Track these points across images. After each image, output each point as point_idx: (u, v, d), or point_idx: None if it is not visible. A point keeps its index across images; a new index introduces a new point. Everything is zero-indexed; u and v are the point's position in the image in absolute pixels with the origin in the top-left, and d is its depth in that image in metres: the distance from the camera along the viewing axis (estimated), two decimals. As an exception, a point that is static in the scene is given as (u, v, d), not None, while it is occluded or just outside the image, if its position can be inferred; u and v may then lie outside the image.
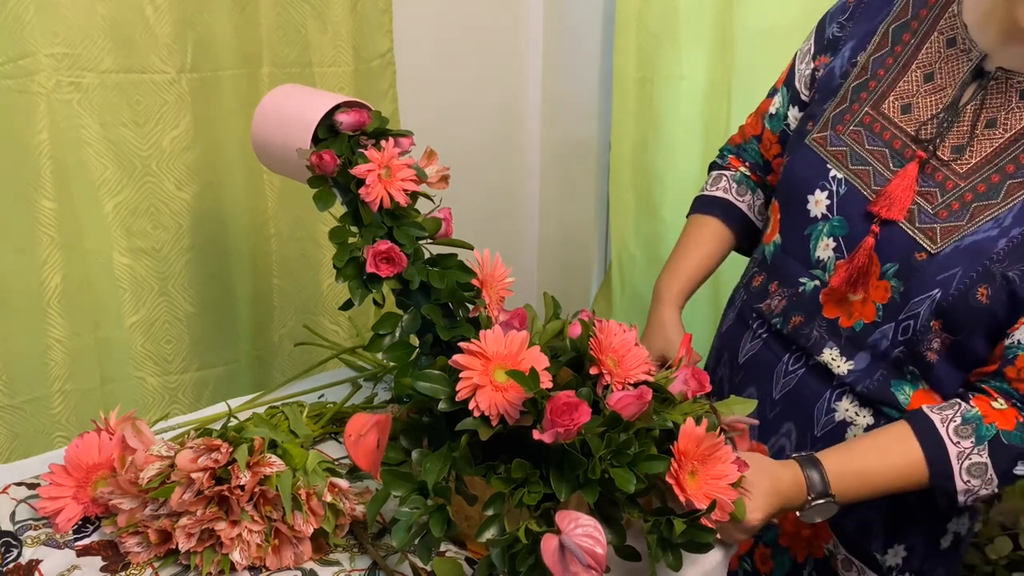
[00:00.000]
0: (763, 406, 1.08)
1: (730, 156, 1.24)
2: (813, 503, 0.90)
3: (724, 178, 1.22)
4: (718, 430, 0.84)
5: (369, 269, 0.95)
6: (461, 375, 0.79)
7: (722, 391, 1.16)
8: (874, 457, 0.93)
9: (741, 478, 0.83)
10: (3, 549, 0.87)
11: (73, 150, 1.31)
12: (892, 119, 0.97)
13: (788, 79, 1.13)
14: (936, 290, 0.91)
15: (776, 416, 1.08)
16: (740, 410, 0.91)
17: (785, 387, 1.07)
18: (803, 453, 0.93)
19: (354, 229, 0.98)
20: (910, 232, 0.93)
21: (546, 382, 0.80)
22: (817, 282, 1.02)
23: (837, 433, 1.02)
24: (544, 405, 0.77)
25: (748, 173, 1.21)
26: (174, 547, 0.83)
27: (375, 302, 0.97)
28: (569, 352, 0.88)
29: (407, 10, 1.71)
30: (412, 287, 0.97)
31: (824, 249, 1.01)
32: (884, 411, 0.99)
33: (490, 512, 0.79)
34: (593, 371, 0.85)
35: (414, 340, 0.99)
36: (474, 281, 0.98)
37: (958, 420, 0.92)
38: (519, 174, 2.23)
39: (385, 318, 0.97)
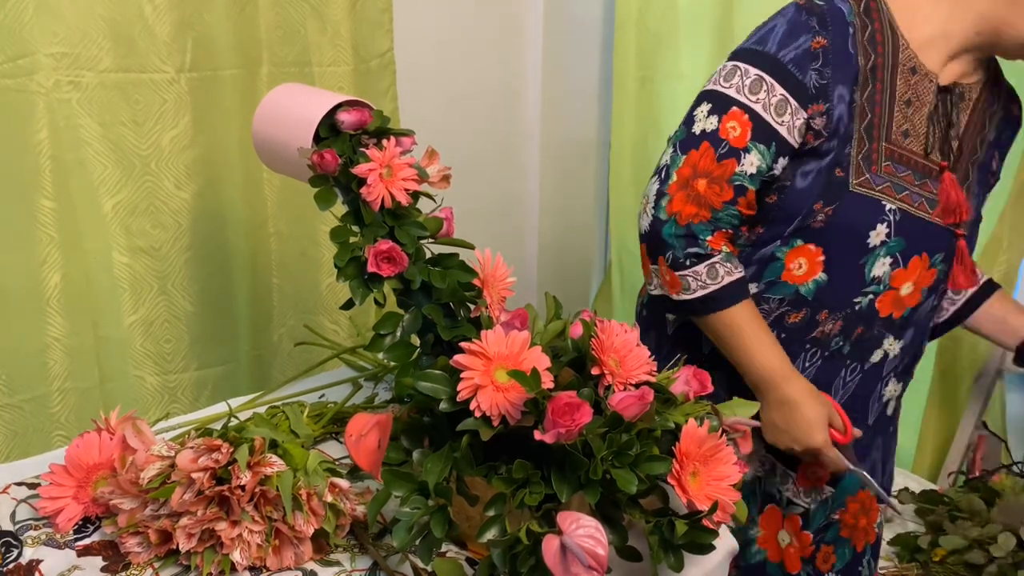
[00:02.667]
0: None
1: (708, 238, 1.10)
2: None
3: (717, 266, 1.10)
4: (720, 431, 0.84)
5: (370, 268, 0.94)
6: (462, 375, 0.79)
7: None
8: None
9: (741, 481, 0.83)
10: (3, 549, 0.86)
11: (72, 149, 1.31)
12: (904, 147, 1.12)
13: (761, 136, 1.08)
14: (971, 251, 1.21)
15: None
16: (742, 412, 0.91)
17: (844, 396, 1.20)
18: None
19: (355, 228, 0.98)
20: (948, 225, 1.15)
21: (547, 382, 0.80)
22: (871, 296, 1.15)
23: (883, 412, 1.25)
24: (545, 405, 0.77)
25: (730, 248, 1.13)
26: (175, 547, 0.83)
27: (376, 302, 0.96)
28: (570, 352, 0.88)
29: (407, 9, 1.71)
30: (413, 287, 0.97)
31: (880, 267, 1.13)
32: (910, 377, 1.27)
33: (491, 513, 0.78)
34: (595, 371, 0.85)
35: (415, 340, 0.99)
36: (475, 281, 0.98)
37: None
38: (519, 173, 2.23)
39: (386, 318, 0.97)
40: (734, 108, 1.08)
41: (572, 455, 0.78)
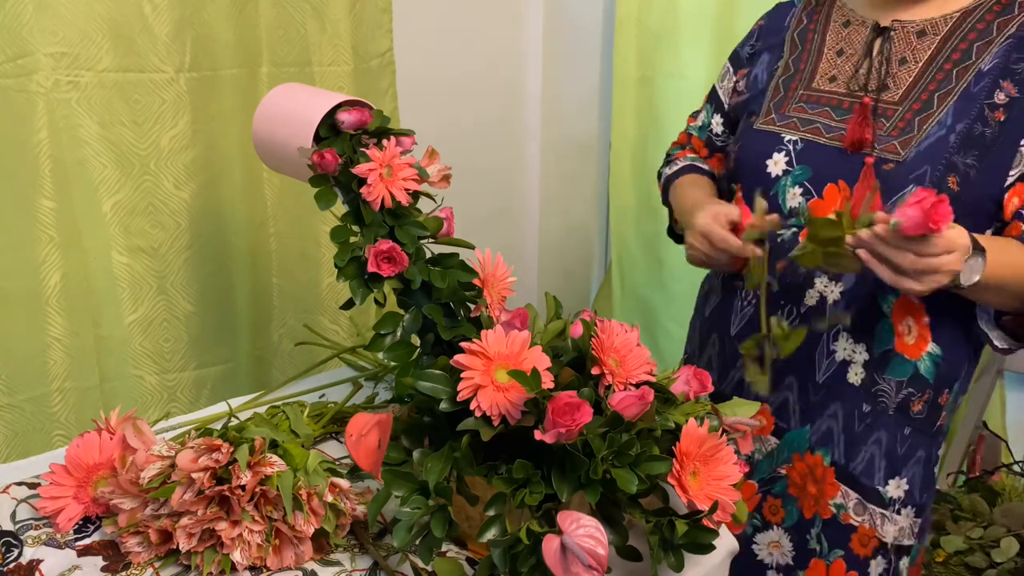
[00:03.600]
0: None
1: (675, 152, 1.42)
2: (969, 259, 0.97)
3: (676, 160, 1.39)
4: (720, 431, 0.84)
5: (370, 268, 0.94)
6: (462, 375, 0.79)
7: (711, 367, 1.29)
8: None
9: (742, 480, 0.83)
10: (4, 549, 0.86)
11: (72, 149, 1.30)
12: (824, 90, 1.19)
13: (709, 99, 1.37)
14: (911, 187, 1.06)
15: (776, 373, 1.16)
16: (743, 412, 0.91)
17: None
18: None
19: (355, 228, 0.98)
20: (876, 154, 1.10)
21: (548, 382, 0.80)
22: (793, 228, 1.15)
23: (839, 374, 1.15)
24: (546, 405, 0.77)
25: (697, 157, 1.38)
26: (175, 547, 0.83)
27: (376, 301, 0.96)
28: (571, 352, 0.88)
29: (407, 9, 1.71)
30: (413, 286, 0.97)
31: (793, 198, 1.15)
32: (875, 343, 1.13)
33: (491, 512, 0.78)
34: (595, 371, 0.85)
35: (415, 340, 0.99)
36: (475, 281, 0.98)
37: None
38: (519, 174, 2.23)
39: (386, 317, 0.97)
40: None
41: (572, 455, 0.77)
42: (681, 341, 2.05)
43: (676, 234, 1.40)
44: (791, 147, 1.16)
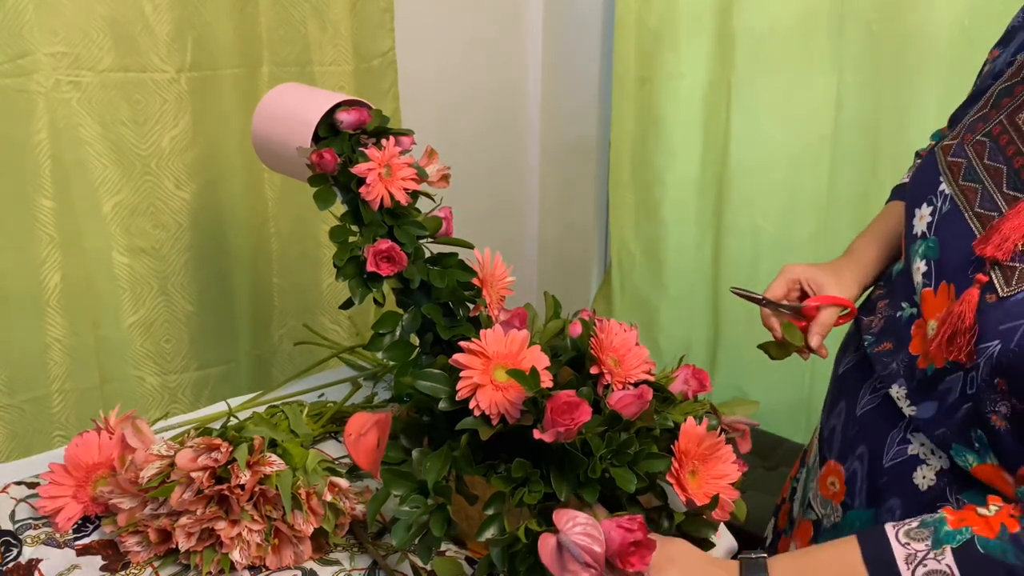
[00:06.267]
0: (848, 422, 0.94)
1: (931, 142, 1.02)
2: None
3: (917, 164, 1.02)
4: (719, 430, 0.84)
5: (369, 268, 0.94)
6: (461, 374, 0.79)
7: (834, 438, 1.00)
8: (820, 565, 0.76)
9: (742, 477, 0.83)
10: (3, 548, 0.87)
11: (72, 149, 1.31)
12: None
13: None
14: (995, 341, 0.72)
15: (855, 435, 0.92)
16: (742, 411, 0.91)
17: (867, 406, 0.92)
18: (751, 555, 0.76)
19: (355, 228, 0.98)
20: (993, 276, 0.75)
21: (547, 381, 0.80)
22: (915, 310, 0.85)
23: (906, 468, 0.85)
24: (545, 404, 0.77)
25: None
26: (174, 546, 0.83)
27: (375, 301, 0.97)
28: (570, 351, 0.88)
29: (408, 9, 1.71)
30: (412, 286, 0.97)
31: (918, 272, 0.82)
32: (957, 456, 0.79)
33: (490, 511, 0.78)
34: (594, 370, 0.85)
35: (414, 339, 0.99)
36: (475, 280, 0.98)
37: (915, 523, 0.73)
38: (519, 173, 2.23)
39: (385, 317, 0.97)
40: None
41: (571, 454, 0.77)
42: (681, 341, 2.05)
43: None
44: (939, 203, 0.81)
